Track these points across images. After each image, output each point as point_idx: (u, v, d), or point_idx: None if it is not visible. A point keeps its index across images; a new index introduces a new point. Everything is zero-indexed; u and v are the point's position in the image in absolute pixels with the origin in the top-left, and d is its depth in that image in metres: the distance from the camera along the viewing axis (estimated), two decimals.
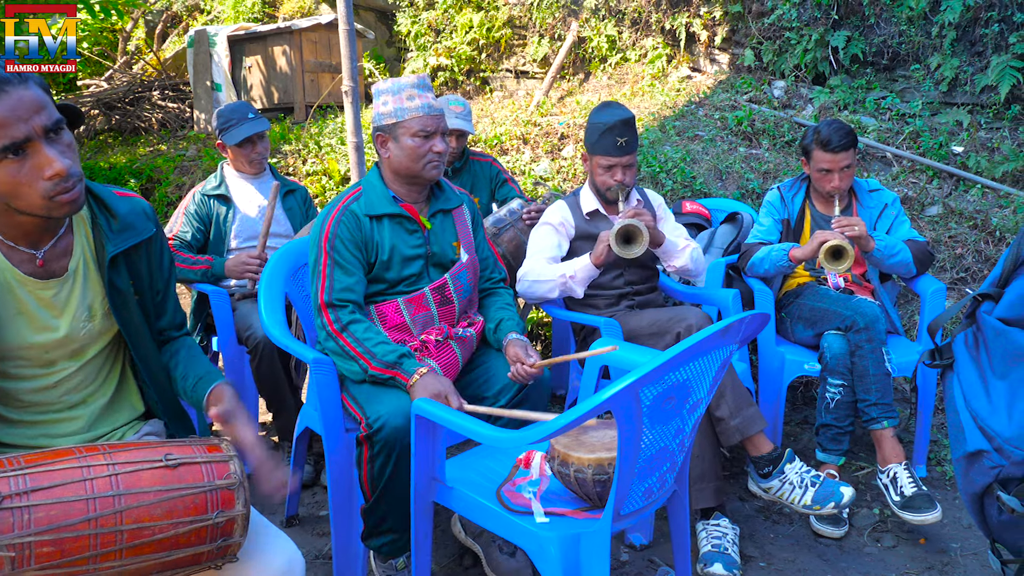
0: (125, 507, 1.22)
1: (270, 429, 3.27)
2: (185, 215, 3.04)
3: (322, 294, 2.12)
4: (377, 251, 2.16)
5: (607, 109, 2.70)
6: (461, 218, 2.34)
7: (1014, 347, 1.20)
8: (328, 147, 5.55)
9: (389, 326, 2.17)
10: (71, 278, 1.46)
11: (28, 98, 1.26)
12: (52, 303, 1.44)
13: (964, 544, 2.51)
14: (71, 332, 1.45)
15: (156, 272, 1.59)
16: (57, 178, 1.28)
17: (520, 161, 5.08)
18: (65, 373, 1.47)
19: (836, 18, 5.20)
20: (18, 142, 1.25)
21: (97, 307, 1.49)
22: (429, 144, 2.15)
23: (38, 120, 1.26)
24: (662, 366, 1.42)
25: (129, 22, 8.03)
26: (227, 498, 1.31)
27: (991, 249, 3.95)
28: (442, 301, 2.22)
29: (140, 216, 1.54)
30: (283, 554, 1.43)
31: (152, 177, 5.97)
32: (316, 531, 2.58)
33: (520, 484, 1.80)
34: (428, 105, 2.16)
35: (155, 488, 1.25)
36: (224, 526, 1.30)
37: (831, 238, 2.73)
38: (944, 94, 4.89)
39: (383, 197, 2.20)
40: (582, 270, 2.64)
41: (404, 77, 2.21)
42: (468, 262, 2.29)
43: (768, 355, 2.91)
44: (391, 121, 2.16)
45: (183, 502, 1.27)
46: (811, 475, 2.25)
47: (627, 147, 2.66)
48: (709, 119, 5.31)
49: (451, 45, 6.88)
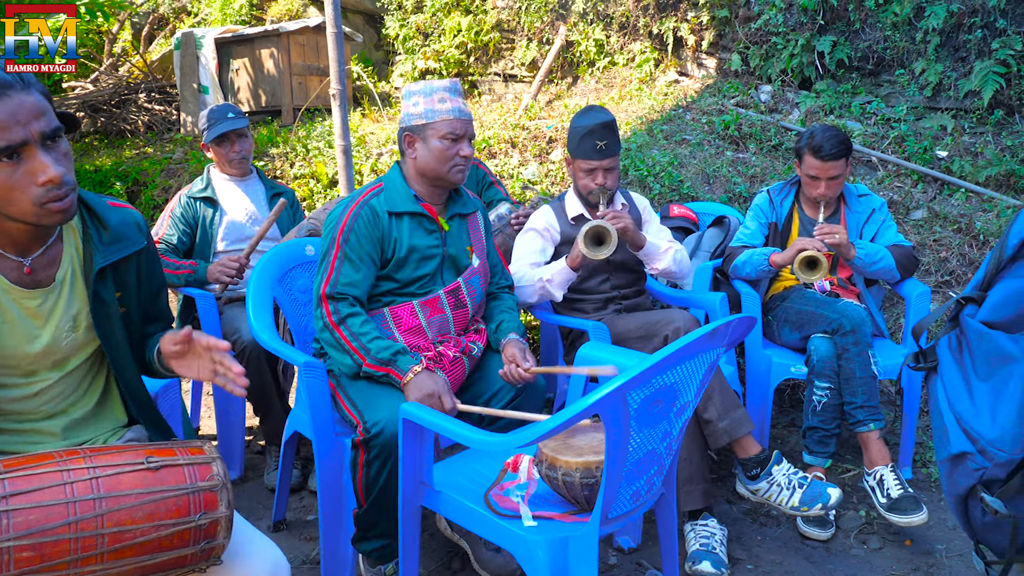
0: (106, 510, 1.21)
1: (257, 433, 3.26)
2: (171, 218, 3.02)
3: (325, 286, 2.11)
4: (395, 247, 2.16)
5: (589, 113, 2.70)
6: (475, 224, 2.35)
7: (997, 350, 1.22)
8: (316, 150, 5.53)
9: (404, 329, 2.17)
10: (57, 288, 1.44)
11: (29, 103, 1.25)
12: (37, 313, 1.42)
13: (950, 545, 2.53)
14: (54, 342, 1.43)
15: (146, 284, 1.57)
16: (50, 184, 1.27)
17: (508, 165, 5.08)
18: (47, 383, 1.45)
19: (822, 23, 5.24)
20: (14, 146, 1.24)
21: (82, 318, 1.47)
22: (457, 148, 2.16)
23: (36, 126, 1.25)
24: (649, 369, 1.43)
25: (115, 24, 7.97)
26: (210, 500, 1.30)
27: (975, 253, 3.99)
28: (456, 304, 2.23)
29: (131, 228, 1.52)
30: (267, 558, 1.42)
31: (138, 180, 5.92)
32: (303, 535, 2.56)
33: (508, 488, 1.80)
34: (459, 109, 2.17)
35: (136, 491, 1.24)
36: (207, 528, 1.29)
37: (809, 247, 2.75)
38: (928, 99, 4.94)
39: (405, 195, 2.20)
40: (559, 274, 2.63)
41: (436, 80, 2.23)
42: (480, 267, 2.31)
43: (755, 358, 2.93)
44: (420, 122, 2.16)
45: (165, 504, 1.25)
46: (798, 477, 2.26)
47: (607, 150, 2.65)
48: (696, 123, 5.34)
49: (439, 48, 6.88)
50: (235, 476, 2.95)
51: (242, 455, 2.98)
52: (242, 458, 2.98)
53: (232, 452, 2.94)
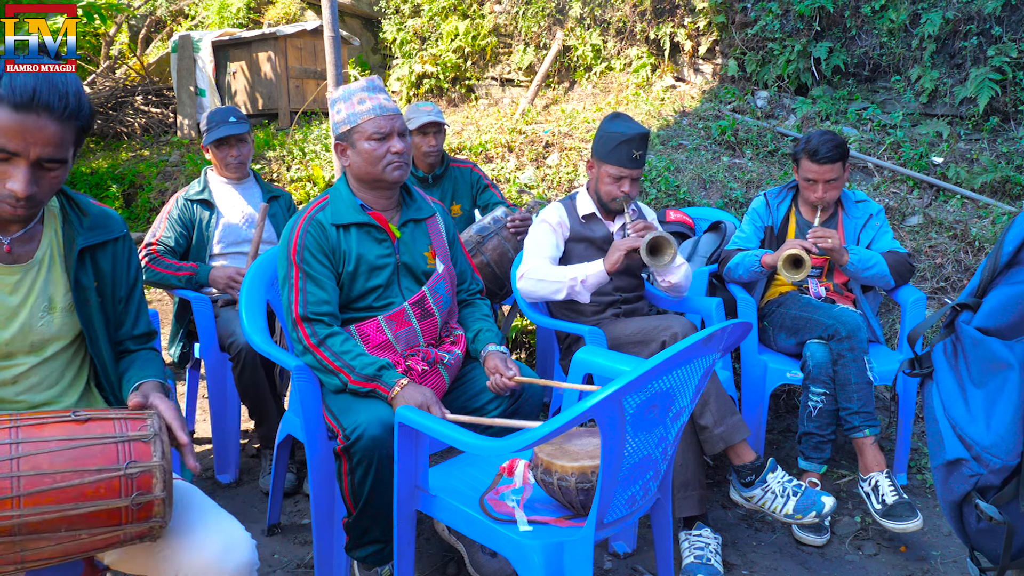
0: (22, 454, 1.17)
1: (252, 437, 3.25)
2: (168, 220, 3.01)
3: (296, 308, 2.07)
4: (344, 260, 2.12)
5: (624, 121, 2.70)
6: (435, 228, 2.29)
7: (992, 356, 1.22)
8: (312, 153, 5.53)
9: (372, 346, 2.12)
10: (36, 265, 1.47)
11: (50, 132, 1.30)
12: (15, 289, 1.44)
13: (945, 552, 2.53)
14: (29, 321, 1.45)
15: (121, 276, 1.59)
16: (10, 194, 1.32)
17: (505, 169, 5.09)
18: (23, 368, 1.46)
19: (818, 29, 5.26)
20: (7, 151, 1.29)
21: (57, 300, 1.48)
22: (386, 146, 2.10)
23: (39, 150, 1.30)
24: (645, 374, 1.43)
25: (112, 26, 7.97)
26: (140, 449, 1.25)
27: (970, 259, 4.00)
28: (423, 315, 2.18)
29: (111, 219, 1.59)
30: (221, 532, 1.39)
31: (135, 182, 5.92)
32: (298, 540, 2.56)
33: (503, 492, 1.79)
34: (380, 106, 2.11)
35: (57, 438, 1.20)
36: (139, 478, 1.23)
37: (796, 246, 2.76)
38: (924, 105, 4.96)
39: (350, 206, 2.15)
40: (594, 276, 2.59)
41: (354, 83, 2.17)
42: (444, 272, 2.25)
43: (751, 363, 2.93)
44: (346, 128, 2.12)
45: (89, 451, 1.21)
46: (793, 484, 2.26)
47: (640, 161, 2.68)
48: (693, 128, 5.35)
49: (436, 53, 6.89)
50: (230, 479, 2.94)
51: (237, 459, 2.97)
52: (237, 462, 2.97)
53: (227, 456, 2.93)
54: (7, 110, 1.27)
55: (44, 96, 1.28)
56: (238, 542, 1.39)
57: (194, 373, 3.24)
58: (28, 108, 1.27)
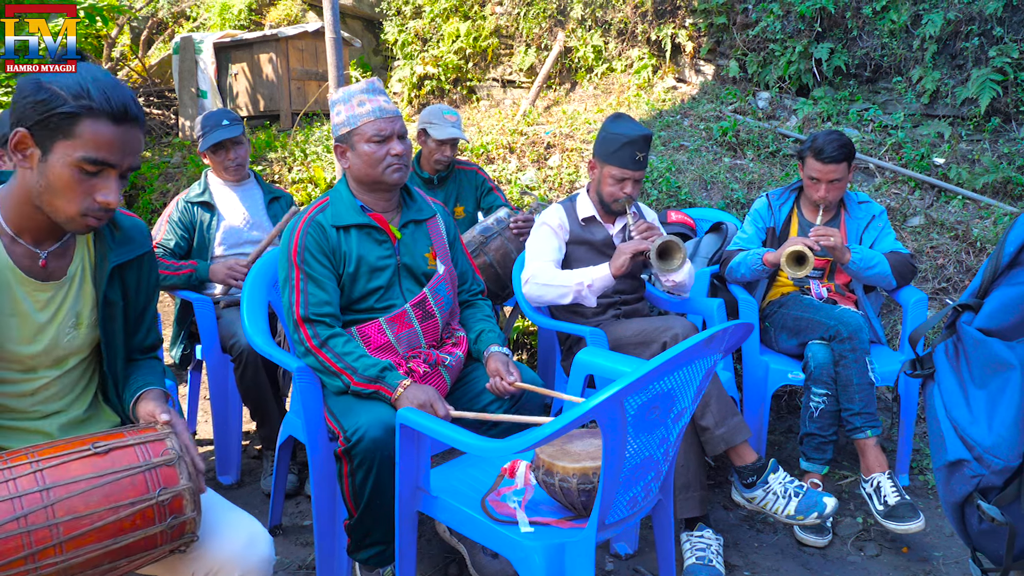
0: (55, 500, 1.18)
1: (254, 438, 3.25)
2: (169, 222, 3.02)
3: (297, 309, 2.08)
4: (344, 262, 2.12)
5: (626, 122, 2.70)
6: (436, 229, 2.29)
7: (993, 357, 1.22)
8: (314, 155, 5.54)
9: (373, 347, 2.13)
10: (67, 283, 1.47)
11: (139, 140, 1.36)
12: (45, 305, 1.44)
13: (947, 552, 2.53)
14: (56, 338, 1.45)
15: (143, 290, 1.60)
16: (102, 207, 1.33)
17: (506, 170, 5.09)
18: (44, 380, 1.46)
19: (820, 30, 5.26)
20: (107, 164, 1.31)
21: (84, 316, 1.49)
22: (386, 148, 2.11)
23: (130, 160, 1.34)
24: (647, 375, 1.43)
25: (114, 28, 7.98)
26: (168, 474, 1.27)
27: (972, 260, 4.00)
28: (424, 316, 2.18)
29: (140, 232, 1.59)
30: (244, 530, 1.41)
31: (136, 184, 5.92)
32: (299, 541, 2.56)
33: (505, 493, 1.80)
34: (380, 108, 2.12)
35: (86, 476, 1.21)
36: (171, 503, 1.26)
37: (799, 243, 2.76)
38: (925, 106, 4.95)
39: (351, 207, 2.16)
40: (600, 280, 2.60)
41: (354, 85, 2.18)
42: (445, 273, 2.25)
43: (752, 364, 2.93)
44: (346, 130, 2.13)
45: (119, 485, 1.22)
46: (794, 485, 2.26)
47: (642, 162, 2.68)
48: (694, 129, 5.35)
49: (438, 54, 6.89)
50: (232, 481, 2.94)
51: (239, 460, 2.97)
52: (239, 463, 2.97)
53: (229, 457, 2.93)
54: (107, 123, 1.29)
55: (133, 108, 1.31)
56: (258, 537, 1.42)
57: (196, 374, 3.24)
58: (124, 120, 1.30)
